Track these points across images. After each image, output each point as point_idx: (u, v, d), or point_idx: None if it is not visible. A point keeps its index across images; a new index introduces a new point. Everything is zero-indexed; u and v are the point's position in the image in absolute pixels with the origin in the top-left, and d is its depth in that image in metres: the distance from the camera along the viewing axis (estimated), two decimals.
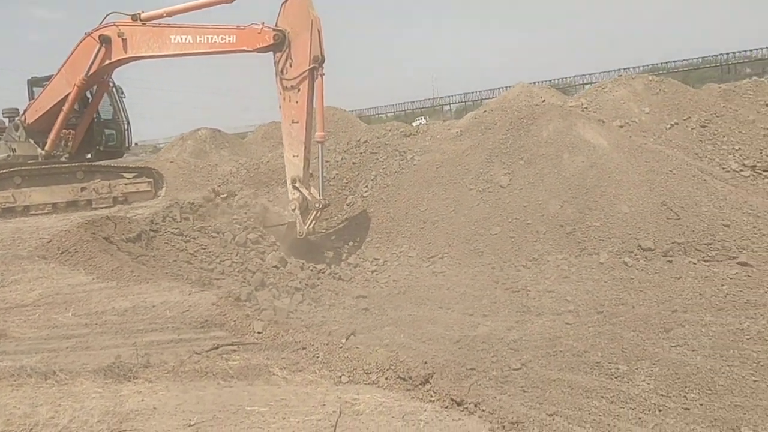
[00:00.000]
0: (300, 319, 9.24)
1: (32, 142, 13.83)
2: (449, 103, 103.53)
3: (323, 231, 14.49)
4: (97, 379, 4.97)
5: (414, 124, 34.05)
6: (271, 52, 11.97)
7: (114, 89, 14.75)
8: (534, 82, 50.30)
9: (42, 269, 7.82)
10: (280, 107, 12.13)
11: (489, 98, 72.50)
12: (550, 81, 73.69)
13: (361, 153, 16.66)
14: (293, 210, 12.16)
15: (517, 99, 25.64)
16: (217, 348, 5.59)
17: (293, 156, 12.06)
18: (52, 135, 13.51)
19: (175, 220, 11.34)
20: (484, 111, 21.12)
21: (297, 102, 11.70)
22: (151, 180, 14.09)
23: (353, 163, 16.28)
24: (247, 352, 5.57)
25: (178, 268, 9.45)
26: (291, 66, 11.68)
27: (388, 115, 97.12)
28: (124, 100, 14.92)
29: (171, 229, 10.63)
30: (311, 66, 11.39)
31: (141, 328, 6.08)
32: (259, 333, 6.07)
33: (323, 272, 11.55)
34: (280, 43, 11.65)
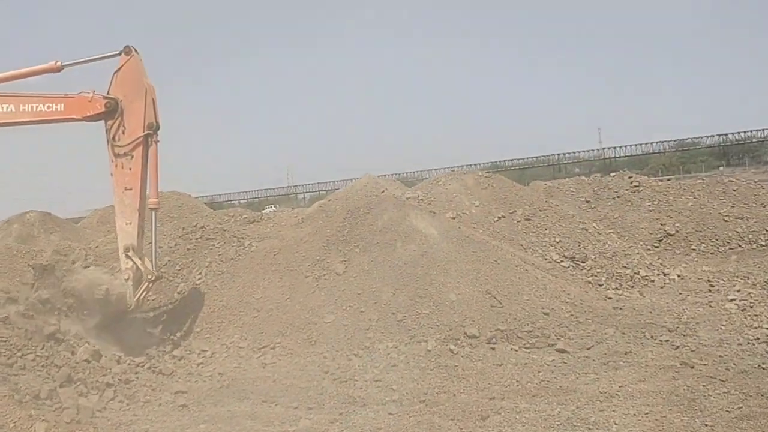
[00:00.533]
0: (107, 419, 8.47)
1: None
2: (303, 192, 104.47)
3: (150, 314, 13.69)
4: None
5: (264, 211, 33.79)
6: (102, 121, 11.76)
7: None
8: (384, 175, 51.96)
9: None
10: (111, 174, 11.84)
11: (340, 189, 74.13)
12: (398, 174, 76.81)
13: (196, 239, 16.09)
14: (126, 280, 11.66)
15: (364, 189, 26.14)
16: None
17: (126, 224, 11.77)
18: None
19: None
20: (329, 200, 21.34)
21: (130, 169, 11.63)
22: None
23: (187, 249, 15.66)
24: None
25: None
26: (124, 133, 11.65)
27: (241, 202, 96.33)
28: None
29: None
30: (146, 132, 11.52)
31: None
32: None
33: (142, 366, 10.76)
34: (112, 111, 11.60)
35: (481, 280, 12.24)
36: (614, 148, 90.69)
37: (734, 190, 19.87)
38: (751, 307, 11.99)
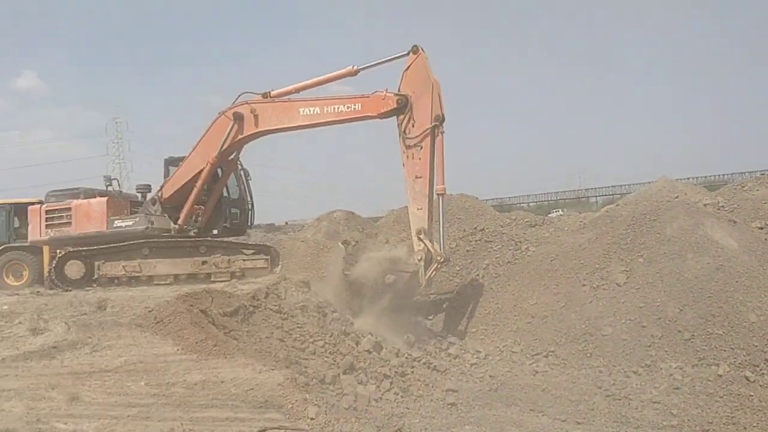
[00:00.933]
0: (380, 408, 9.00)
1: (166, 216, 14.87)
2: (595, 196, 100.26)
3: (430, 312, 14.39)
4: None
5: (549, 215, 33.29)
6: (394, 117, 12.95)
7: (241, 171, 15.69)
8: (685, 178, 47.97)
9: (135, 337, 8.22)
10: (403, 165, 12.91)
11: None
12: (703, 177, 69.85)
13: (476, 241, 16.39)
14: (419, 260, 12.60)
15: (658, 194, 24.29)
16: (264, 430, 5.54)
17: (417, 209, 12.72)
18: (185, 209, 14.47)
19: (280, 298, 11.63)
20: (617, 205, 20.29)
21: (420, 158, 12.62)
22: (268, 257, 14.63)
23: (467, 251, 16.03)
24: None
25: (269, 344, 9.59)
26: (413, 126, 12.70)
27: (530, 204, 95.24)
28: (250, 182, 15.87)
29: (271, 306, 10.88)
30: (433, 124, 12.41)
31: (203, 403, 6.17)
32: (311, 419, 5.96)
33: (418, 360, 11.26)
34: (402, 107, 12.72)
35: None
36: None
37: None
38: None
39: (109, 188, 15.66)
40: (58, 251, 14.57)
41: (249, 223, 16.14)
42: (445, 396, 9.92)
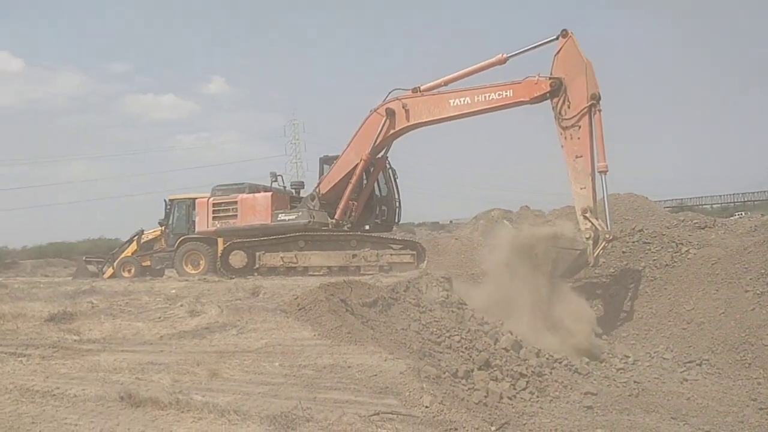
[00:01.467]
0: (512, 406, 9.02)
1: (324, 211, 15.75)
2: None
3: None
4: (262, 424, 5.55)
5: (732, 217, 30.98)
6: (548, 101, 13.31)
7: (390, 170, 16.23)
8: None
9: (278, 322, 8.89)
10: (562, 146, 13.16)
11: None
12: None
13: (633, 242, 15.72)
14: (587, 239, 12.78)
15: None
16: (377, 414, 5.85)
17: (581, 188, 12.92)
18: (341, 204, 15.25)
19: (420, 292, 11.94)
20: None
21: (579, 138, 12.90)
22: (414, 253, 15.00)
23: (622, 252, 15.44)
24: (402, 423, 5.73)
25: (404, 335, 9.89)
26: (569, 107, 13.02)
27: (714, 206, 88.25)
28: (397, 180, 16.36)
29: (410, 299, 11.21)
30: (590, 103, 12.71)
31: (328, 385, 6.61)
32: (426, 407, 6.19)
33: (559, 362, 11.08)
34: (556, 90, 13.10)
35: None
36: None
37: None
38: None
39: (274, 184, 16.75)
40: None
41: (396, 220, 16.63)
42: (583, 399, 9.72)
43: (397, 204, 16.40)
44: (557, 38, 13.21)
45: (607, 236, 12.58)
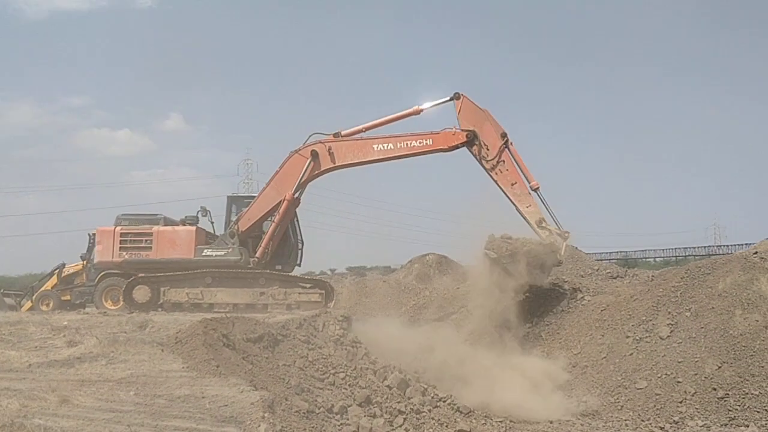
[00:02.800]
0: None
1: (242, 248, 15.88)
2: (728, 254, 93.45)
3: None
4: None
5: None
6: (463, 149, 15.27)
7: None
8: None
9: (152, 354, 9.02)
10: (496, 182, 15.04)
11: None
12: None
13: (536, 288, 16.26)
14: (552, 242, 14.56)
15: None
16: None
17: (527, 207, 14.90)
18: (264, 242, 15.46)
19: (316, 330, 12.16)
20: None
21: (507, 170, 14.99)
22: (323, 292, 15.27)
23: (525, 295, 15.94)
24: None
25: (286, 371, 10.08)
26: (488, 150, 15.08)
27: (656, 260, 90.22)
28: (298, 222, 16.67)
29: (299, 336, 11.41)
30: (504, 140, 14.95)
31: (175, 414, 6.79)
32: None
33: (443, 401, 11.37)
34: (471, 140, 15.12)
35: None
36: None
37: None
38: None
39: (204, 219, 16.67)
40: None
41: (297, 261, 16.83)
42: None
43: (300, 245, 16.69)
44: (452, 99, 15.54)
45: (567, 234, 14.74)
